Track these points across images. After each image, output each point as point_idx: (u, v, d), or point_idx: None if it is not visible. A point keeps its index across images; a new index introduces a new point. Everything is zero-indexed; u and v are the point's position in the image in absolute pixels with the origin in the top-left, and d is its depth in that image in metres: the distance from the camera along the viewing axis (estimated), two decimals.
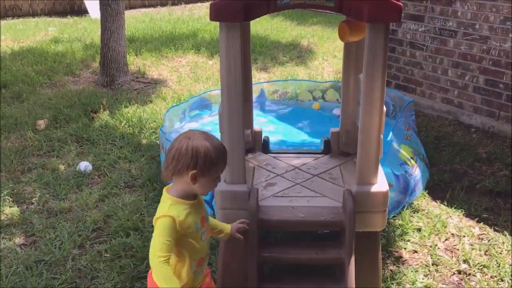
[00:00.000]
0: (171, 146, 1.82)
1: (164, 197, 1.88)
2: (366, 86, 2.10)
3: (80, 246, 3.01)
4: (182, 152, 1.76)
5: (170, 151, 1.80)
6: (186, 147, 1.76)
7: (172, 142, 1.84)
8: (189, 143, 1.77)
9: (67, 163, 4.01)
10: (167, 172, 1.82)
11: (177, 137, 1.84)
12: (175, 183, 1.85)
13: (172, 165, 1.78)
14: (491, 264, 2.86)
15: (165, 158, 1.82)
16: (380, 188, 2.26)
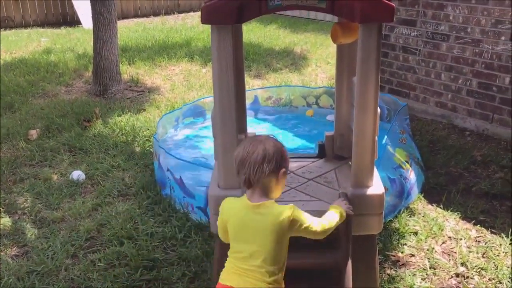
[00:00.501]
0: (246, 154, 1.80)
1: (267, 206, 1.82)
2: (360, 87, 2.08)
3: (73, 256, 2.97)
4: (271, 153, 1.80)
5: (251, 157, 1.79)
6: (273, 147, 1.82)
7: (241, 151, 1.82)
8: (271, 144, 1.83)
9: (60, 173, 3.97)
10: (256, 176, 1.79)
11: (245, 145, 1.83)
12: (258, 189, 1.82)
13: (265, 168, 1.78)
14: (489, 266, 2.83)
15: (246, 166, 1.79)
16: (376, 190, 2.24)
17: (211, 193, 2.28)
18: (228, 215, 1.89)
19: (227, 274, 1.86)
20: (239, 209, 1.86)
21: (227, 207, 1.92)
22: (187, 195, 3.35)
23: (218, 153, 2.25)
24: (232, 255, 1.87)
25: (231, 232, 1.88)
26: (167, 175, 3.51)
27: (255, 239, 1.80)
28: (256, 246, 1.80)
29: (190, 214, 3.30)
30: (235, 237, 1.87)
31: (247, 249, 1.81)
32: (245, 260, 1.81)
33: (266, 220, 1.80)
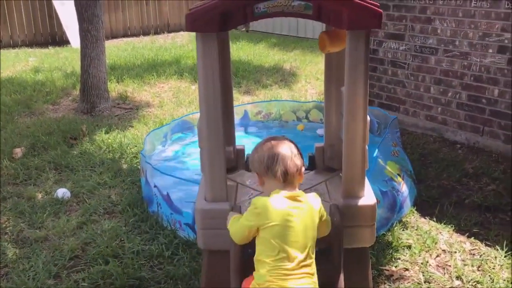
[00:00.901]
0: (276, 150, 1.91)
1: (303, 194, 1.92)
2: (349, 95, 2.04)
3: (56, 276, 2.86)
4: (296, 149, 1.97)
5: (281, 152, 1.90)
6: (294, 145, 1.99)
7: (267, 148, 1.93)
8: (290, 142, 1.99)
9: (45, 191, 3.87)
10: (292, 169, 1.90)
11: (268, 144, 1.95)
12: (291, 182, 1.91)
13: (297, 161, 1.92)
14: (485, 279, 2.77)
15: (280, 159, 1.88)
16: (368, 201, 2.18)
17: (198, 207, 2.20)
18: (270, 214, 1.82)
19: (274, 285, 1.78)
20: (279, 203, 1.84)
21: (266, 206, 1.84)
22: (175, 211, 3.26)
23: (204, 165, 2.19)
24: (275, 259, 1.79)
25: (274, 231, 1.80)
26: (154, 191, 3.42)
27: (300, 227, 1.82)
28: (303, 236, 1.82)
29: (178, 231, 3.21)
30: (280, 233, 1.80)
31: (295, 241, 1.80)
32: (294, 257, 1.79)
33: (306, 205, 1.87)
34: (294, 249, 1.80)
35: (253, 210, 1.85)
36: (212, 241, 2.20)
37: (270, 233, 1.81)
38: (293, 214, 1.83)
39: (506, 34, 4.22)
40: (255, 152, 1.96)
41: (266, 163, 1.88)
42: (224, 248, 2.13)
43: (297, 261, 1.80)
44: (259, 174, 1.94)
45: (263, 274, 1.81)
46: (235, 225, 1.96)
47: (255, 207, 1.85)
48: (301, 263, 1.80)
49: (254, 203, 1.87)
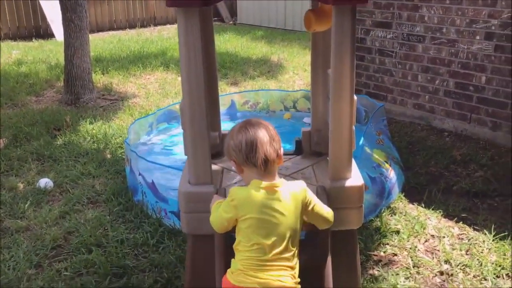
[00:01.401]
0: (252, 137, 1.79)
1: (284, 182, 1.83)
2: (335, 73, 1.99)
3: (37, 266, 2.78)
4: (274, 133, 1.86)
5: (258, 139, 1.79)
6: (272, 128, 1.88)
7: (244, 135, 1.80)
8: (268, 125, 1.88)
9: (27, 181, 3.78)
10: (271, 156, 1.79)
11: (244, 130, 1.81)
12: (270, 170, 1.80)
13: (276, 147, 1.82)
14: (473, 263, 2.75)
15: (258, 147, 1.78)
16: (355, 182, 2.13)
17: (181, 190, 2.14)
18: (246, 207, 1.74)
19: (245, 275, 1.71)
20: (256, 195, 1.75)
21: (243, 198, 1.76)
22: (160, 199, 3.20)
23: (188, 147, 2.12)
24: (249, 249, 1.73)
25: (250, 224, 1.73)
26: (139, 179, 3.35)
27: (279, 219, 1.73)
28: (281, 228, 1.73)
29: (163, 219, 3.15)
30: (256, 226, 1.73)
31: (271, 234, 1.72)
32: (269, 249, 1.71)
33: (286, 195, 1.77)
34: (270, 241, 1.72)
35: (230, 203, 1.77)
36: (196, 225, 2.14)
37: (247, 225, 1.74)
38: (271, 206, 1.74)
39: (493, 20, 4.21)
40: (230, 139, 1.82)
41: (245, 152, 1.76)
42: (209, 232, 2.07)
43: (273, 253, 1.72)
44: (237, 163, 1.82)
45: (237, 262, 1.76)
46: (215, 213, 1.88)
47: (232, 199, 1.77)
48: (278, 255, 1.72)
49: (231, 194, 1.78)
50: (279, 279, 1.71)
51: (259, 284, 1.69)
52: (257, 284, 1.69)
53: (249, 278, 1.70)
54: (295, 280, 1.77)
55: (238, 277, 1.73)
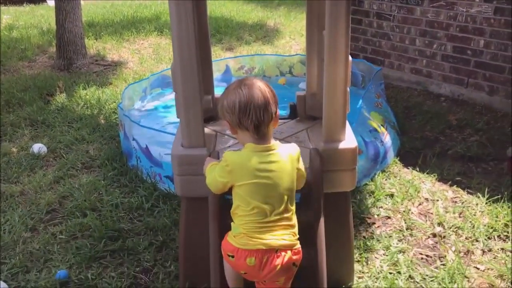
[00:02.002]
0: (246, 99, 1.73)
1: (279, 144, 1.81)
2: (330, 34, 1.94)
3: (33, 229, 2.79)
4: (270, 95, 1.79)
5: (253, 101, 1.73)
6: (269, 89, 1.82)
7: (237, 97, 1.74)
8: (265, 86, 1.81)
9: (20, 147, 3.76)
10: (265, 119, 1.75)
11: (238, 91, 1.75)
12: (264, 133, 1.77)
13: (270, 110, 1.77)
14: (466, 225, 2.77)
15: (252, 111, 1.72)
16: (349, 144, 2.11)
17: (174, 153, 2.12)
18: (241, 173, 1.73)
19: (248, 238, 1.72)
20: (251, 160, 1.73)
21: (237, 163, 1.74)
22: (154, 164, 3.19)
23: (180, 109, 2.09)
24: (249, 214, 1.73)
25: (247, 189, 1.73)
26: (133, 144, 3.33)
27: (276, 181, 1.73)
28: (279, 189, 1.73)
29: (158, 183, 3.15)
30: (253, 191, 1.72)
31: (270, 197, 1.72)
32: (269, 212, 1.72)
33: (282, 157, 1.76)
34: (269, 204, 1.72)
35: (225, 168, 1.75)
36: (189, 188, 2.14)
37: (244, 191, 1.73)
38: (266, 169, 1.73)
39: None
40: (224, 98, 1.76)
41: (238, 115, 1.71)
42: (202, 194, 2.07)
43: (274, 215, 1.73)
44: (230, 124, 1.78)
45: (238, 226, 1.76)
46: (210, 175, 1.87)
47: (227, 164, 1.75)
48: (279, 215, 1.74)
49: (225, 159, 1.76)
50: (282, 238, 1.73)
51: (264, 245, 1.71)
52: (262, 245, 1.71)
53: (253, 240, 1.71)
54: (296, 237, 1.80)
55: (241, 240, 1.73)
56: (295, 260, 1.77)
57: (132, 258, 2.53)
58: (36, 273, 2.43)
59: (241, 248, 1.72)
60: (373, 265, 2.46)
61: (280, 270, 1.72)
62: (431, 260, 2.53)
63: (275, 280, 1.78)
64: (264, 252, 1.70)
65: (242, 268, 1.75)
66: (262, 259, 1.70)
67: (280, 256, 1.71)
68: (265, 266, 1.71)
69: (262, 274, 1.73)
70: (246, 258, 1.71)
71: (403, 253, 2.55)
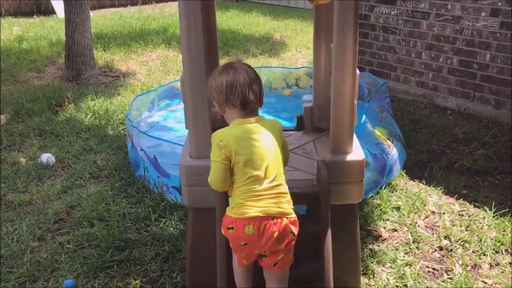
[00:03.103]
0: (232, 79, 1.84)
1: (264, 117, 1.92)
2: (337, 44, 1.97)
3: (40, 239, 2.81)
4: (254, 76, 1.88)
5: (239, 80, 1.83)
6: (253, 72, 1.90)
7: (224, 77, 1.84)
8: (249, 68, 1.90)
9: (29, 156, 3.79)
10: (251, 96, 1.85)
11: (224, 72, 1.85)
12: (251, 109, 1.88)
13: (255, 89, 1.86)
14: (473, 239, 2.76)
15: (238, 88, 1.83)
16: (356, 156, 2.13)
17: (183, 163, 2.14)
18: (234, 143, 1.81)
19: (245, 206, 1.78)
20: (239, 131, 1.84)
21: (228, 135, 1.83)
22: (162, 174, 3.21)
23: (189, 119, 2.12)
24: (245, 183, 1.80)
25: (240, 160, 1.80)
26: (140, 155, 3.36)
27: (265, 149, 1.81)
28: (269, 158, 1.81)
29: (165, 194, 3.16)
30: (247, 160, 1.80)
31: (262, 165, 1.79)
32: (263, 179, 1.79)
33: (267, 127, 1.86)
34: (262, 171, 1.80)
35: (219, 143, 1.83)
36: (197, 199, 2.16)
37: (240, 161, 1.81)
38: (255, 138, 1.83)
39: None
40: (212, 80, 1.88)
41: (225, 93, 1.83)
42: (210, 205, 2.08)
43: (268, 182, 1.80)
44: (219, 103, 1.90)
45: (234, 198, 1.83)
46: (210, 171, 1.92)
47: (220, 139, 1.83)
48: (272, 183, 1.81)
49: (217, 136, 1.85)
50: (278, 205, 1.80)
51: (260, 211, 1.77)
52: (258, 212, 1.77)
53: (250, 208, 1.78)
54: (291, 206, 1.85)
55: (238, 210, 1.80)
56: (292, 229, 1.82)
57: (139, 268, 2.54)
58: (43, 282, 2.44)
59: (239, 218, 1.78)
60: (379, 278, 2.45)
61: (278, 237, 1.78)
62: (438, 273, 2.52)
63: (274, 250, 1.82)
64: (261, 219, 1.76)
65: (241, 238, 1.80)
66: (259, 226, 1.76)
67: (276, 223, 1.78)
68: (263, 234, 1.77)
69: (262, 243, 1.79)
70: (244, 227, 1.77)
71: (409, 266, 2.54)
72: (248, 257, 1.87)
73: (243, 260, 1.89)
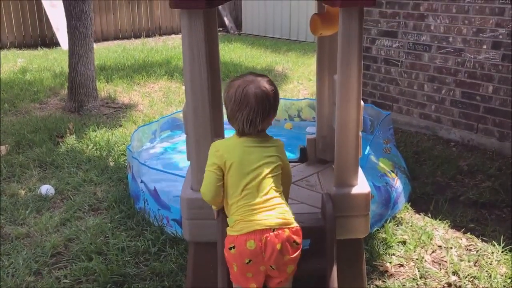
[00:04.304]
0: (244, 95, 1.81)
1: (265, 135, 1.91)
2: (342, 76, 1.95)
3: (37, 273, 2.73)
4: (272, 95, 1.89)
5: (251, 99, 1.80)
6: (273, 88, 1.91)
7: (236, 90, 1.81)
8: (269, 84, 1.90)
9: (28, 188, 3.74)
10: (259, 118, 1.83)
11: (240, 84, 1.82)
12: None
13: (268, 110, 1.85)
14: (482, 275, 2.68)
15: (247, 107, 1.80)
16: (361, 189, 2.08)
17: (184, 196, 2.10)
18: (230, 153, 1.80)
19: (244, 222, 1.74)
20: (238, 142, 1.83)
21: (225, 146, 1.83)
22: (162, 207, 3.15)
23: (191, 151, 2.09)
24: (240, 198, 1.77)
25: (234, 170, 1.78)
26: (140, 187, 3.31)
27: (260, 160, 1.79)
28: (265, 170, 1.78)
29: (165, 227, 3.10)
30: (240, 171, 1.78)
31: (254, 179, 1.76)
32: (255, 194, 1.76)
33: (269, 143, 1.86)
34: (256, 184, 1.77)
35: (215, 153, 1.83)
36: (198, 232, 2.10)
37: (233, 172, 1.79)
38: (251, 152, 1.80)
39: (500, 29, 4.17)
40: (226, 94, 1.84)
41: (230, 114, 1.83)
42: (211, 239, 2.03)
43: (263, 195, 1.77)
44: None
45: (232, 216, 1.80)
46: (203, 181, 1.90)
47: (216, 149, 1.83)
48: (267, 195, 1.78)
49: (215, 146, 1.84)
50: (276, 216, 1.75)
51: (259, 224, 1.73)
52: (257, 225, 1.73)
53: (249, 223, 1.74)
54: (291, 216, 1.80)
55: (237, 226, 1.76)
56: (295, 239, 1.77)
57: None
58: None
59: (239, 234, 1.74)
60: None
61: (282, 249, 1.72)
62: None
63: (281, 263, 1.75)
64: (261, 232, 1.71)
65: (244, 255, 1.73)
66: (261, 240, 1.71)
67: (278, 234, 1.72)
68: (266, 247, 1.71)
69: (266, 257, 1.73)
70: (246, 243, 1.72)
71: None
72: (256, 277, 1.79)
73: (252, 283, 1.81)
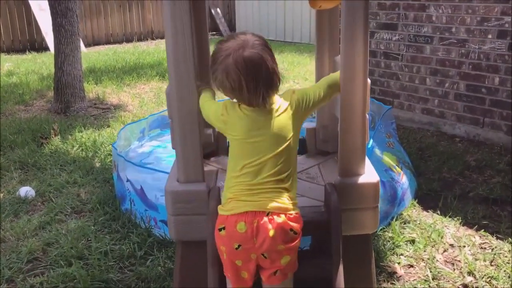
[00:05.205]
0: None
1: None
2: (346, 51, 1.72)
3: (9, 281, 2.47)
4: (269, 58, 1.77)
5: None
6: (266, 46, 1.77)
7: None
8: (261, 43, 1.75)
9: (7, 191, 3.48)
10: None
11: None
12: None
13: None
14: (500, 275, 2.44)
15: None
16: (369, 178, 1.84)
17: (169, 189, 1.85)
18: (234, 126, 1.60)
19: (237, 201, 1.55)
20: (245, 115, 1.60)
21: (233, 115, 1.61)
22: (149, 207, 2.90)
23: (176, 138, 1.84)
24: (238, 175, 1.58)
25: (237, 145, 1.60)
26: (126, 186, 3.06)
27: (269, 139, 1.57)
28: (272, 148, 1.57)
29: (153, 229, 2.85)
30: (243, 148, 1.59)
31: (260, 155, 1.57)
32: (259, 171, 1.56)
33: (278, 110, 1.62)
34: (261, 164, 1.57)
35: (220, 117, 1.63)
36: (185, 230, 1.85)
37: (235, 146, 1.61)
38: (261, 127, 1.58)
39: (506, 17, 3.97)
40: (214, 65, 1.60)
41: (228, 92, 1.61)
42: (200, 238, 1.78)
43: (264, 176, 1.56)
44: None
45: (226, 192, 1.61)
46: (205, 105, 1.74)
47: (222, 113, 1.63)
48: (270, 177, 1.56)
49: (225, 106, 1.63)
50: (274, 200, 1.54)
51: (251, 206, 1.52)
52: (250, 207, 1.52)
53: (240, 203, 1.54)
54: (292, 202, 1.58)
55: (229, 205, 1.56)
56: (293, 227, 1.54)
57: None
58: None
59: (230, 214, 1.54)
60: None
61: (276, 236, 1.50)
62: None
63: (273, 252, 1.53)
64: (253, 214, 1.51)
65: (234, 238, 1.53)
66: (252, 223, 1.50)
67: (272, 219, 1.51)
68: (258, 232, 1.50)
69: (258, 244, 1.51)
70: (236, 225, 1.51)
71: None
72: (246, 265, 1.57)
73: (242, 272, 1.58)
